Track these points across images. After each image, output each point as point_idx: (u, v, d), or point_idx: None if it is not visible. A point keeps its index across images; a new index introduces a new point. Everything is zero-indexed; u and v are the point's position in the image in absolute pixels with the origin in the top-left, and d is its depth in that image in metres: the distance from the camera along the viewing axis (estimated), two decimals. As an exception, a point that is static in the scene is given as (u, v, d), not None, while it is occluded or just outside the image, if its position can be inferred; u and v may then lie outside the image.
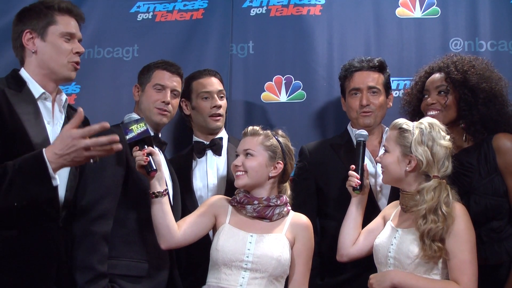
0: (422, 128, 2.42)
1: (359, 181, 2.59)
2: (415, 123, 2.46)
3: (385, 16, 3.41)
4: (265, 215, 2.50)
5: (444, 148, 2.40)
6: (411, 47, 3.38)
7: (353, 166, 2.64)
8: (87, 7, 3.48)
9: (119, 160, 2.51)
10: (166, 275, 2.59)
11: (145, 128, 2.42)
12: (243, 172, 2.51)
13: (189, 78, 3.06)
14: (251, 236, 2.45)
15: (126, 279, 2.46)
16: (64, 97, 2.50)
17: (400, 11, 3.41)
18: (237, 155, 2.57)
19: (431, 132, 2.41)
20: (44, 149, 2.11)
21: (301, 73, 3.41)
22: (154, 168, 2.39)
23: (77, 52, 2.44)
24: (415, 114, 2.80)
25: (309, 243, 2.54)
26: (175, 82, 2.78)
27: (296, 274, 2.50)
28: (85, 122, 2.65)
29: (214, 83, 3.04)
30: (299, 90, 3.40)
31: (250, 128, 2.59)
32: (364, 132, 2.70)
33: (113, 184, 2.49)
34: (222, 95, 3.05)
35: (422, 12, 3.39)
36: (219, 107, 3.01)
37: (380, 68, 2.97)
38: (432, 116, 2.64)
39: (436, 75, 2.76)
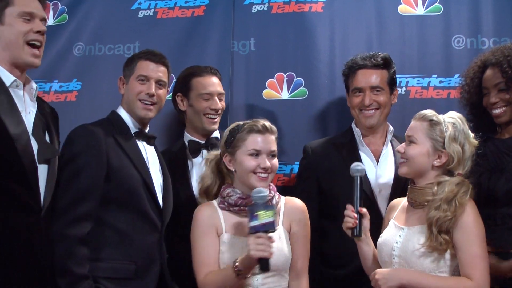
0: (455, 124, 2.38)
1: (356, 221, 2.36)
2: (445, 117, 2.41)
3: (387, 13, 3.39)
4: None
5: (472, 146, 2.39)
6: (413, 44, 3.36)
7: (350, 206, 2.40)
8: (89, 4, 3.49)
9: (99, 161, 2.44)
10: (156, 275, 2.52)
11: (272, 219, 2.23)
12: (268, 174, 2.43)
13: (189, 74, 3.02)
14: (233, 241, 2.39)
15: (113, 282, 2.41)
16: (34, 85, 2.41)
17: (402, 8, 3.39)
18: (256, 154, 2.41)
19: (464, 129, 2.39)
20: None
21: (303, 70, 3.39)
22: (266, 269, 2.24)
23: (38, 32, 2.31)
24: (477, 111, 2.77)
25: (306, 226, 2.49)
26: (160, 73, 2.68)
27: (296, 259, 2.44)
28: (54, 114, 2.58)
29: (215, 84, 3.00)
30: (301, 88, 3.38)
31: (268, 124, 2.47)
32: (360, 166, 2.44)
33: (90, 187, 2.41)
34: (222, 98, 3.01)
35: (425, 9, 3.37)
36: (218, 110, 2.96)
37: (385, 64, 2.92)
38: (498, 114, 2.66)
39: (492, 72, 2.70)
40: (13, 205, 2.19)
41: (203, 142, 2.99)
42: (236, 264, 2.25)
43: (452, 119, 2.40)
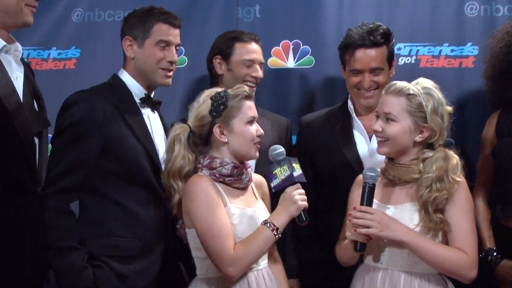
0: (433, 94, 2.27)
1: (368, 239, 2.18)
2: (419, 87, 2.28)
3: (398, -22, 3.27)
4: (251, 179, 2.35)
5: (448, 114, 2.30)
6: (424, 11, 3.23)
7: (354, 210, 2.20)
8: (88, -31, 3.39)
9: (94, 133, 2.31)
10: (162, 252, 2.42)
11: (288, 172, 2.20)
12: None
13: (233, 38, 2.93)
14: (254, 211, 2.29)
15: (117, 260, 2.31)
16: (20, 47, 2.28)
17: (414, -27, 3.26)
18: (251, 121, 2.30)
19: (440, 97, 2.29)
20: None
21: (309, 38, 3.29)
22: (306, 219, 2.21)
23: None
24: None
25: (268, 197, 2.41)
26: (178, 37, 2.55)
27: None
28: (31, 71, 2.45)
29: (258, 52, 2.93)
30: (308, 56, 3.29)
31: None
32: (373, 172, 2.23)
33: (80, 160, 2.30)
34: (262, 67, 2.94)
35: (437, -26, 3.25)
36: (258, 78, 2.90)
37: (385, 41, 2.77)
38: None
39: None
40: (11, 186, 2.11)
41: None
42: (273, 224, 2.16)
43: (428, 89, 2.29)
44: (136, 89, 2.51)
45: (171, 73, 2.53)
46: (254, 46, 2.92)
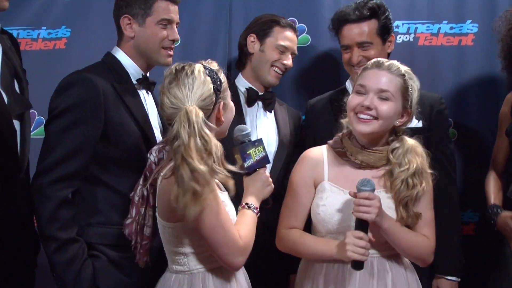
0: (415, 81, 2.20)
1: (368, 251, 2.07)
2: (406, 69, 2.20)
3: (396, -46, 3.19)
4: None
5: None
6: (424, -13, 3.16)
7: (362, 234, 2.06)
8: None
9: (95, 116, 2.20)
10: (160, 242, 2.31)
11: (264, 154, 2.14)
12: None
13: (273, 21, 2.87)
14: (227, 195, 2.15)
15: (114, 249, 2.24)
16: None
17: None
18: None
19: (419, 86, 2.23)
20: None
21: (305, 16, 3.22)
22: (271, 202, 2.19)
23: None
24: None
25: None
26: (178, 14, 2.45)
27: None
28: (14, 43, 2.34)
29: (295, 41, 2.90)
30: (303, 34, 3.22)
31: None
32: (370, 186, 2.09)
33: (81, 145, 2.19)
34: (293, 57, 2.90)
35: (435, -51, 3.16)
36: (287, 67, 2.86)
37: (372, 15, 2.72)
38: None
39: None
40: None
41: (261, 93, 2.87)
42: (252, 205, 2.07)
43: (411, 74, 2.20)
44: (133, 69, 2.42)
45: (171, 52, 2.44)
46: (291, 34, 2.88)
